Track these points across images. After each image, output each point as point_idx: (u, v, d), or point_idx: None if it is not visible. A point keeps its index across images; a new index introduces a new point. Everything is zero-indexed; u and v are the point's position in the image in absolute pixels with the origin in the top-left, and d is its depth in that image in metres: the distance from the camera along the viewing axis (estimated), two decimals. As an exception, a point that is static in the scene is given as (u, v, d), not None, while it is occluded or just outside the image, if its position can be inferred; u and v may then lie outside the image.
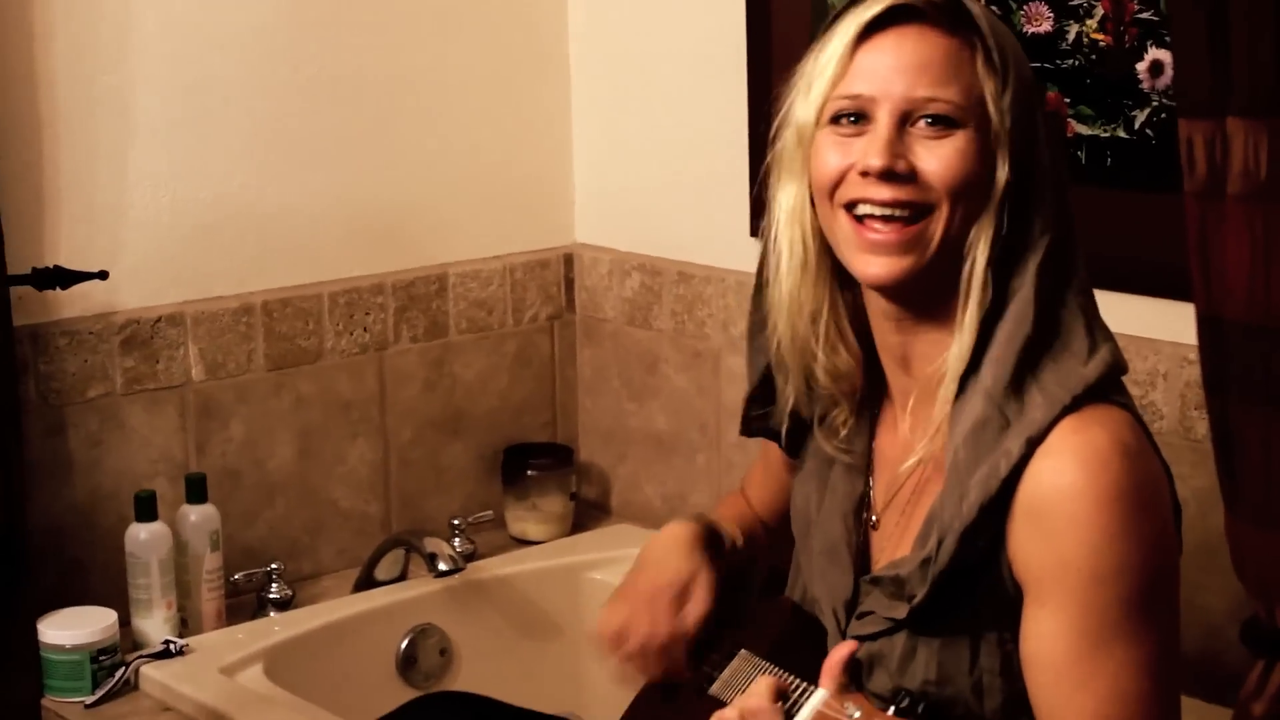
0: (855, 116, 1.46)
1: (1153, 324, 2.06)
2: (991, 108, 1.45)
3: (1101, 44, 2.08)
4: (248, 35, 2.51)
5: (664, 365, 2.78)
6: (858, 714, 1.28)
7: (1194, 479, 2.01)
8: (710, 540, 1.73)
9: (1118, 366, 1.46)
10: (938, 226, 1.45)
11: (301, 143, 2.59)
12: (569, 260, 2.91)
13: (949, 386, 1.46)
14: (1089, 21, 2.09)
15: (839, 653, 1.39)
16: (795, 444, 1.68)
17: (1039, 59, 2.14)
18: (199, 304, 2.50)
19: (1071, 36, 2.11)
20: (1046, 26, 2.13)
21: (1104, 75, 2.08)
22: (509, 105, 2.83)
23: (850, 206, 1.47)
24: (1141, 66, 2.04)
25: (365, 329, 2.67)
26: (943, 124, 1.44)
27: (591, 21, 2.85)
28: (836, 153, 1.47)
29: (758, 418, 1.70)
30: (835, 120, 1.48)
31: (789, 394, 1.61)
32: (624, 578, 1.74)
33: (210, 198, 2.50)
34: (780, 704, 1.39)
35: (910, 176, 1.44)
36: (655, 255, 2.78)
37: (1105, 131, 2.09)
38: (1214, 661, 1.99)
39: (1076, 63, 2.11)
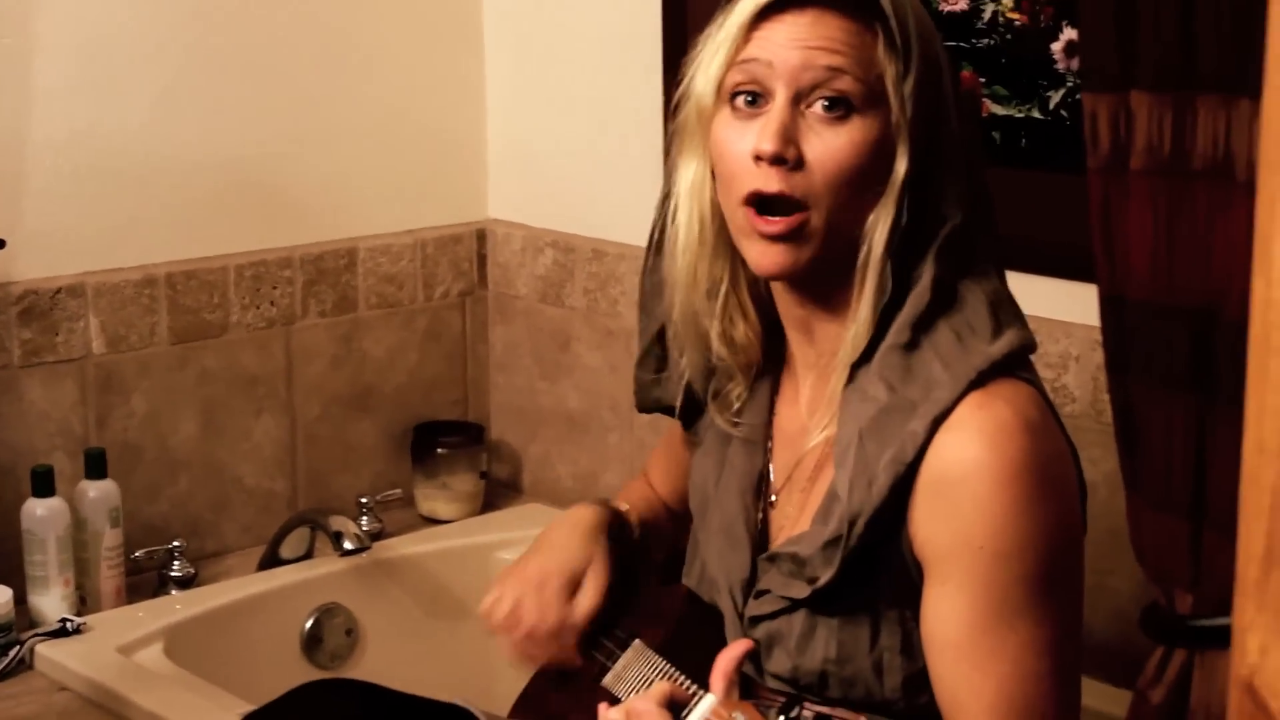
0: (753, 96, 1.44)
1: (1065, 306, 2.06)
2: (891, 93, 1.42)
3: (1017, 23, 2.07)
4: (153, 3, 2.46)
5: (576, 343, 2.75)
6: None
7: (1105, 462, 2.01)
8: (613, 526, 1.71)
9: (1026, 346, 1.44)
10: (820, 219, 1.42)
11: (207, 111, 2.54)
12: (482, 236, 2.87)
13: (840, 375, 1.45)
14: (1004, 1, 2.08)
15: (731, 653, 1.37)
16: (692, 417, 1.66)
17: (955, 38, 2.12)
18: (100, 275, 2.45)
19: (987, 15, 2.10)
20: (962, 5, 2.12)
21: (1019, 55, 2.08)
22: (422, 78, 2.79)
23: (747, 200, 1.45)
24: (1057, 46, 2.04)
25: (272, 303, 2.62)
26: (840, 107, 1.41)
27: (507, -6, 2.81)
28: (735, 138, 1.45)
29: (650, 386, 1.68)
30: (734, 99, 1.45)
31: (684, 368, 1.59)
32: (519, 557, 1.72)
33: (113, 166, 2.45)
34: (669, 710, 1.37)
35: (799, 164, 1.42)
36: (569, 232, 2.75)
37: (1020, 112, 2.08)
38: (1120, 646, 1.99)
39: (992, 42, 2.10)
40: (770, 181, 1.41)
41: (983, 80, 2.11)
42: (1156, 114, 1.29)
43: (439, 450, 2.75)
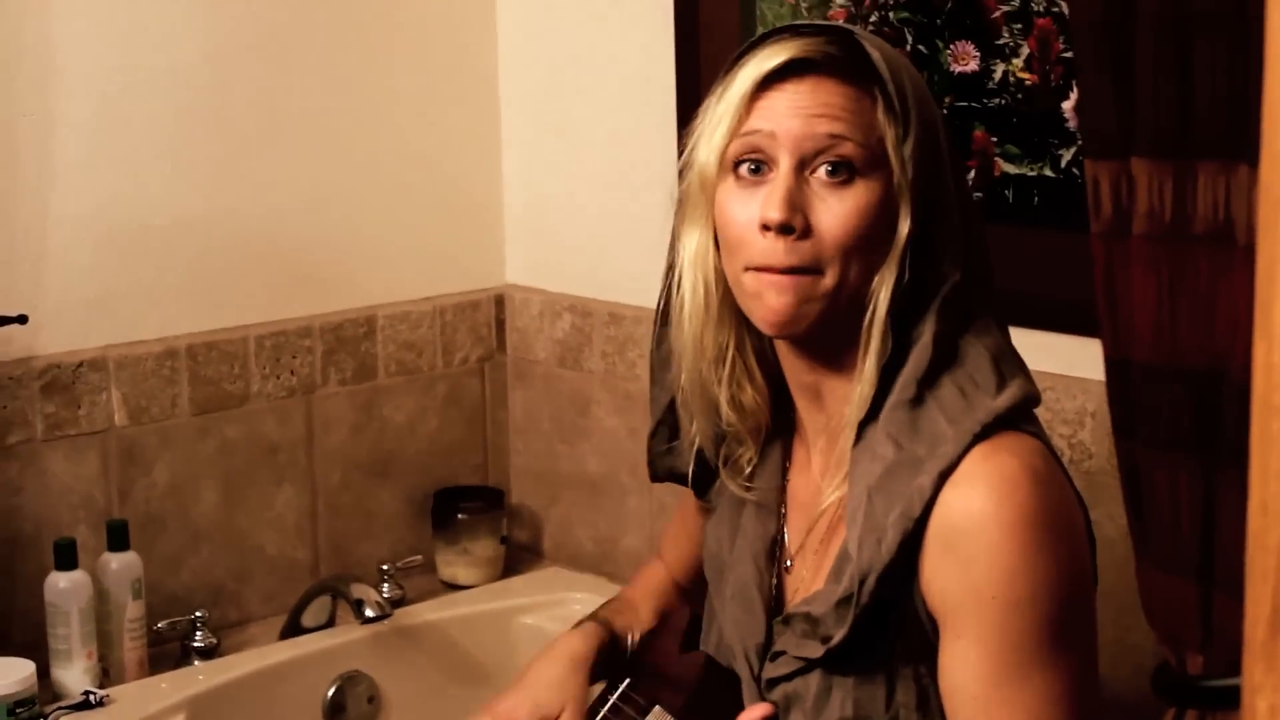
0: (755, 165, 1.45)
1: (1081, 363, 2.06)
2: (893, 156, 1.44)
3: (1027, 83, 2.08)
4: (170, 75, 2.49)
5: (595, 407, 2.76)
6: None
7: (1124, 518, 2.00)
8: (604, 647, 1.73)
9: (1030, 398, 1.45)
10: (830, 282, 1.44)
11: (226, 183, 2.56)
12: (500, 301, 2.89)
13: (848, 435, 1.46)
14: (1015, 61, 2.09)
15: (749, 717, 1.36)
16: (704, 485, 1.67)
17: (966, 98, 2.14)
18: (122, 348, 2.47)
19: (998, 75, 2.11)
20: (973, 65, 2.13)
21: (1030, 114, 2.09)
22: (438, 145, 2.81)
23: (754, 270, 1.46)
24: (1067, 105, 2.05)
25: (292, 372, 2.64)
26: (843, 171, 1.43)
27: (521, 61, 2.84)
28: (740, 207, 1.46)
29: (663, 456, 1.69)
30: (737, 168, 1.46)
31: (694, 435, 1.60)
32: (505, 690, 1.74)
33: (133, 240, 2.47)
34: None
35: (806, 233, 1.43)
36: (586, 296, 2.77)
37: (1032, 170, 2.09)
38: (1140, 702, 1.98)
39: (1003, 102, 2.11)
40: (778, 256, 1.42)
41: (994, 140, 2.12)
42: (1157, 180, 1.30)
43: (459, 515, 2.76)
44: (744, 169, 1.46)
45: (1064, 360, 2.06)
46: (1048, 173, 2.08)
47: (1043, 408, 2.08)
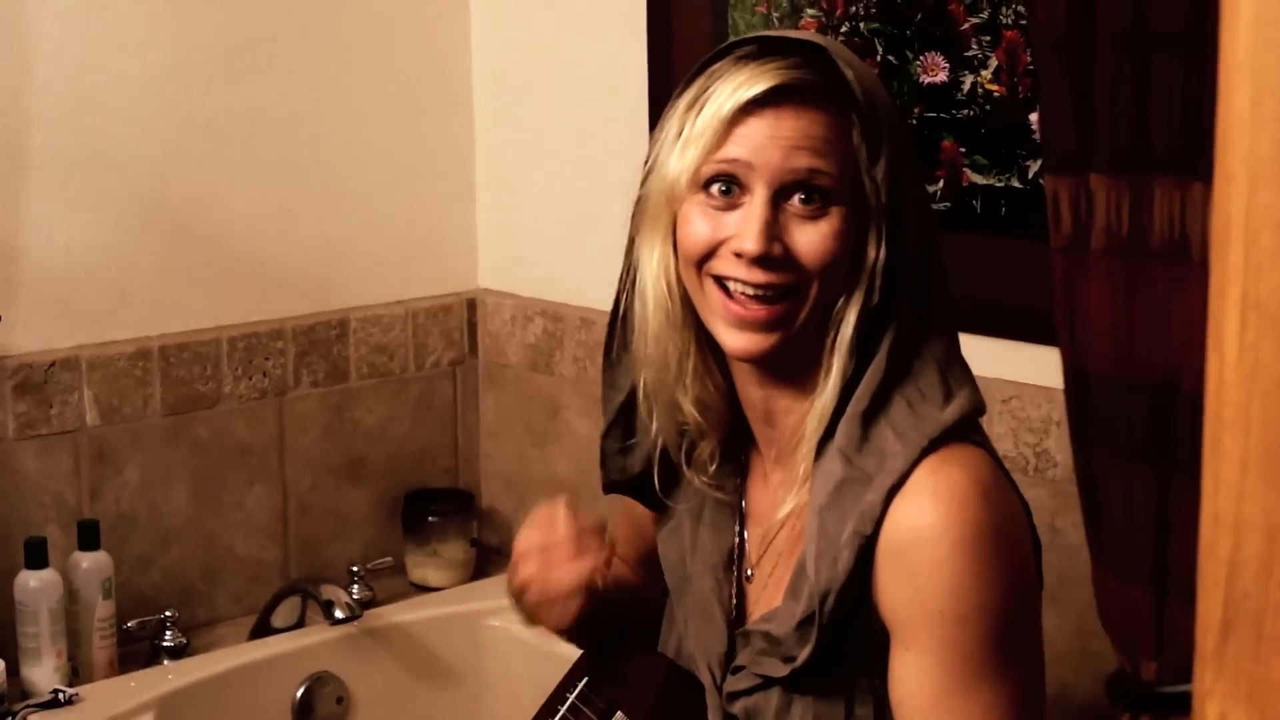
0: (727, 187, 1.44)
1: (1046, 372, 2.08)
2: (865, 180, 1.43)
3: (995, 94, 2.11)
4: (143, 77, 2.50)
5: (566, 411, 2.77)
6: None
7: (1087, 526, 2.02)
8: None
9: (975, 409, 1.46)
10: (804, 306, 1.44)
11: (199, 186, 2.57)
12: (472, 305, 2.90)
13: (809, 446, 1.46)
14: (983, 72, 2.11)
15: None
16: (664, 489, 1.65)
17: (935, 109, 2.16)
18: (94, 348, 2.47)
19: (966, 87, 2.13)
20: (942, 77, 2.15)
21: (998, 125, 2.11)
22: (411, 150, 2.82)
23: (719, 279, 1.46)
24: (1034, 117, 2.07)
25: (264, 374, 2.65)
26: (818, 202, 1.42)
27: (494, 67, 2.86)
28: (707, 224, 1.45)
29: (617, 456, 1.67)
30: (707, 186, 1.45)
31: (655, 435, 1.60)
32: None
33: (106, 240, 2.48)
34: None
35: (782, 260, 1.43)
36: (557, 301, 2.78)
37: (1000, 181, 2.11)
38: (1104, 710, 2.00)
39: (971, 113, 2.13)
40: (754, 274, 1.42)
41: (963, 150, 2.14)
42: (1114, 196, 1.32)
43: (430, 518, 2.77)
44: (715, 188, 1.44)
45: (1030, 369, 2.08)
46: (1015, 183, 2.10)
47: (1009, 415, 2.12)
